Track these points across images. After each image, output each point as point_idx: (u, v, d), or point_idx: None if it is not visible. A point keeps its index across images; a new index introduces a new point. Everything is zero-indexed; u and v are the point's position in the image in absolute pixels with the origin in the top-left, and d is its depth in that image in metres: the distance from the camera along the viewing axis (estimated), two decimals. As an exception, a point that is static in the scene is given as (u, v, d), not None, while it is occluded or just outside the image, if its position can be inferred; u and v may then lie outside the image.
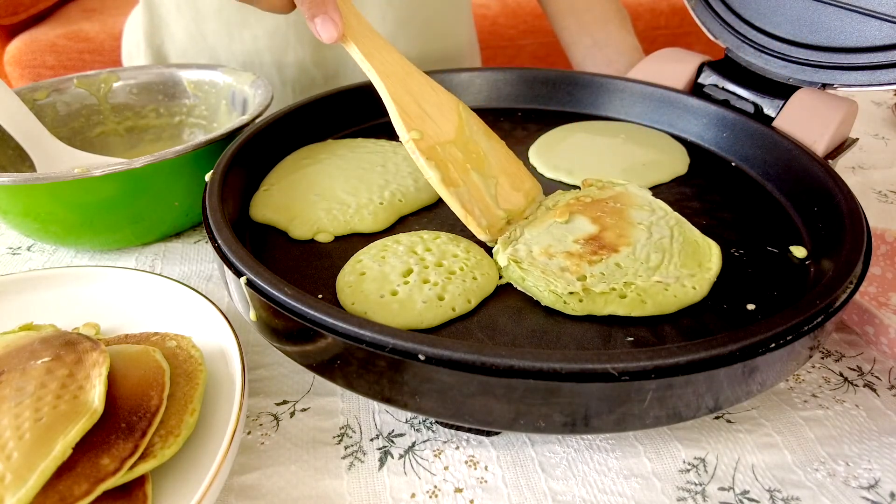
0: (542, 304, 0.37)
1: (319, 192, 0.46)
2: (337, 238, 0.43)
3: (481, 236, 0.40)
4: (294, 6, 0.41)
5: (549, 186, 0.49)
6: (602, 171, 0.50)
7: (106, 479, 0.28)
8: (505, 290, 0.38)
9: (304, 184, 0.47)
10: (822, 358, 0.42)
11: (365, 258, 0.39)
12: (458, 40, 0.79)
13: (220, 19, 0.68)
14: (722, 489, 0.33)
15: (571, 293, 0.36)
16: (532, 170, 0.51)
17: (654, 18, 1.66)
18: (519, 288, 0.38)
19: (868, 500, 0.33)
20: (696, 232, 0.42)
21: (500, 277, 0.39)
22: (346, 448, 0.35)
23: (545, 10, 0.80)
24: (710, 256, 0.40)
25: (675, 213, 0.44)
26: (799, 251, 0.41)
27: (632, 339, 0.35)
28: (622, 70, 0.72)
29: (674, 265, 0.39)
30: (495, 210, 0.41)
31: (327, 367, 0.32)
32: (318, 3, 0.39)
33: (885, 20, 0.46)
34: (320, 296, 0.38)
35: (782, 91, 0.51)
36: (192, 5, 0.69)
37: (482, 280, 0.38)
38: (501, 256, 0.39)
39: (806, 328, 0.31)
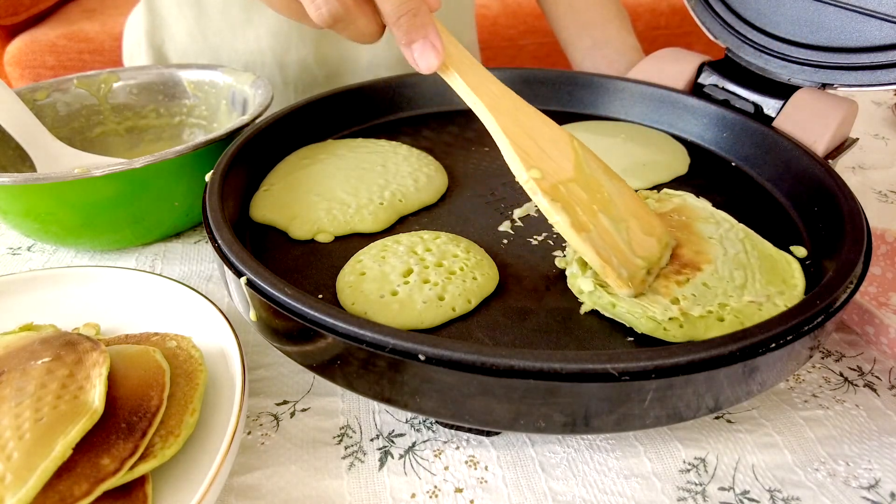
0: (638, 331, 0.35)
1: (319, 192, 0.46)
2: (337, 238, 0.43)
3: (623, 291, 0.34)
4: (383, 31, 0.36)
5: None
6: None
7: (106, 480, 0.28)
8: (505, 290, 0.38)
9: (304, 184, 0.47)
10: (823, 358, 0.42)
11: (365, 258, 0.39)
12: (462, 40, 0.79)
13: (225, 18, 0.68)
14: (722, 489, 0.33)
15: (671, 319, 0.34)
16: (532, 170, 0.51)
17: (654, 18, 1.66)
18: (607, 314, 0.36)
19: (868, 500, 0.33)
20: (768, 244, 0.40)
21: (581, 304, 0.36)
22: (346, 448, 0.35)
23: (544, 10, 0.80)
24: (792, 272, 0.38)
25: (741, 225, 0.41)
26: (799, 251, 0.41)
27: (632, 339, 0.35)
28: (622, 70, 0.71)
29: (759, 283, 0.36)
30: (632, 258, 0.35)
31: (327, 367, 0.32)
32: (417, 27, 0.33)
33: (885, 20, 0.46)
34: (320, 296, 0.38)
35: (782, 91, 0.51)
36: (194, 5, 0.69)
37: (482, 280, 0.38)
38: (584, 281, 0.36)
39: (806, 328, 0.31)
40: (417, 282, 0.37)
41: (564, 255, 0.41)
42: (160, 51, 0.74)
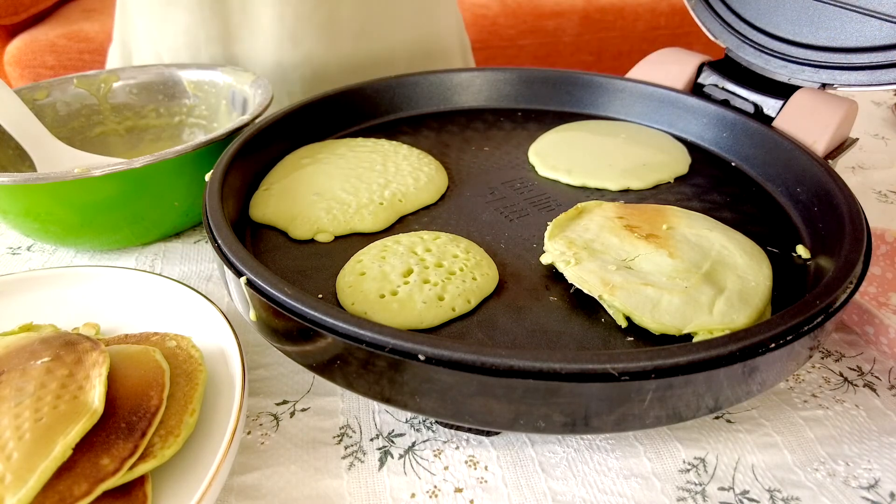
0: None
1: (319, 192, 0.46)
2: (337, 238, 0.43)
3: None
4: None
5: (548, 186, 0.49)
6: (602, 171, 0.50)
7: (106, 480, 0.28)
8: (504, 290, 0.38)
9: (304, 183, 0.47)
10: (822, 358, 0.42)
11: (365, 258, 0.39)
12: (438, 36, 0.77)
13: (143, 14, 0.69)
14: (722, 489, 0.33)
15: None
16: (531, 169, 0.51)
17: (654, 18, 1.67)
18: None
19: (868, 500, 0.33)
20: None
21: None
22: (346, 448, 0.35)
23: None
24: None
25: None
26: (805, 251, 0.41)
27: (631, 338, 0.35)
28: None
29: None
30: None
31: (327, 367, 0.32)
32: None
33: (885, 20, 0.46)
34: (320, 296, 0.38)
35: (782, 91, 0.51)
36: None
37: (482, 280, 0.38)
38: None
39: (806, 328, 0.31)
40: (417, 282, 0.37)
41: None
42: (128, 51, 0.74)
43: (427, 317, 0.35)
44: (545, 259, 0.39)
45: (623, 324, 0.35)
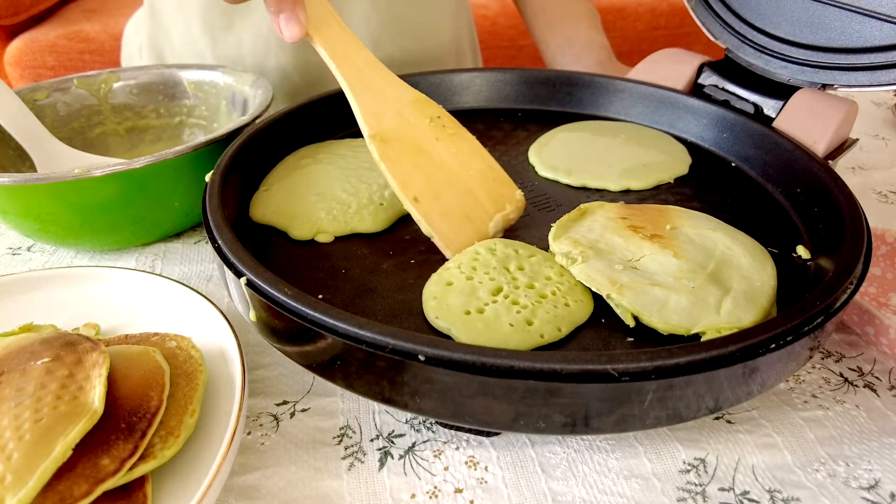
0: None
1: (319, 192, 0.46)
2: (337, 238, 0.43)
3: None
4: None
5: (548, 187, 0.49)
6: (602, 172, 0.50)
7: (106, 480, 0.28)
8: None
9: (304, 184, 0.47)
10: (823, 358, 0.41)
11: (453, 265, 0.38)
12: (441, 40, 0.78)
13: (206, 23, 0.68)
14: (722, 489, 0.33)
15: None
16: (531, 169, 0.51)
17: (654, 18, 1.66)
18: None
19: (868, 500, 0.33)
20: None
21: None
22: (346, 448, 0.35)
23: (520, 11, 0.82)
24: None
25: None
26: (805, 251, 0.41)
27: (632, 339, 0.35)
28: (590, 66, 0.73)
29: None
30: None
31: (327, 368, 0.32)
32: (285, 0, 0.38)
33: (885, 20, 0.46)
34: (320, 296, 0.38)
35: (782, 91, 0.51)
36: (182, 9, 0.69)
37: (574, 307, 0.36)
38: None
39: (806, 329, 0.31)
40: (506, 302, 0.35)
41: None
42: (161, 56, 0.74)
43: (513, 340, 0.33)
44: None
45: (631, 323, 0.35)
